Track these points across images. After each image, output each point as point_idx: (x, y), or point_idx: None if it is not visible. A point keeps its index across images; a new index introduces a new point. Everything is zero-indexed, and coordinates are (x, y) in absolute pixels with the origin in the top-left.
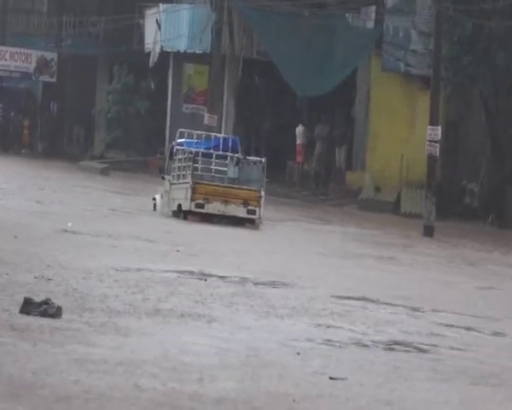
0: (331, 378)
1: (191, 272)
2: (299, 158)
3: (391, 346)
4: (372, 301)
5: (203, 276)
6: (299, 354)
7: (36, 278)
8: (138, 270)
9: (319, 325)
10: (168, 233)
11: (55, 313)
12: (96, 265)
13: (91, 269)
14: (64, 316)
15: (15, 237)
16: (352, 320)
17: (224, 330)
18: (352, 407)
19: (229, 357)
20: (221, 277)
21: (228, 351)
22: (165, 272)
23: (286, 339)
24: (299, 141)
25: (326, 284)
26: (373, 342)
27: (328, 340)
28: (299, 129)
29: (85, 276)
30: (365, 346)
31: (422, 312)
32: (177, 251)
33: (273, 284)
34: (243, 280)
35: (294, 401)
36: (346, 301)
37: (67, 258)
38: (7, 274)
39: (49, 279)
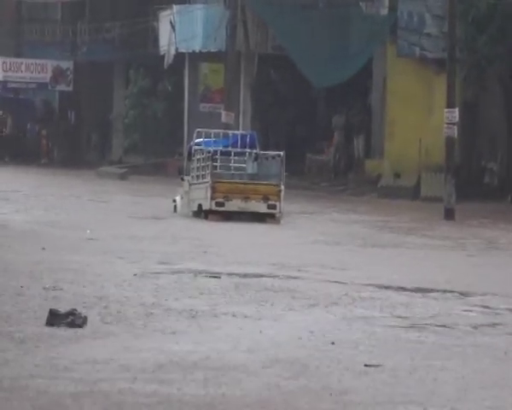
0: (366, 366)
1: (217, 273)
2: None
3: (427, 329)
4: (401, 289)
5: (228, 274)
6: (333, 343)
7: (44, 288)
8: (167, 272)
9: (348, 314)
10: (190, 234)
11: (82, 322)
12: (121, 270)
13: (117, 275)
14: (90, 325)
15: (43, 248)
16: (381, 307)
17: (253, 325)
18: (388, 397)
19: (262, 354)
20: (251, 274)
21: (260, 348)
22: (193, 272)
23: (317, 330)
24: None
25: (352, 273)
26: (406, 327)
27: (360, 328)
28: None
29: (114, 282)
30: (398, 332)
31: (458, 295)
32: (205, 252)
33: (297, 277)
34: (270, 274)
35: (331, 395)
36: (378, 290)
37: (93, 265)
38: (21, 286)
39: (60, 289)
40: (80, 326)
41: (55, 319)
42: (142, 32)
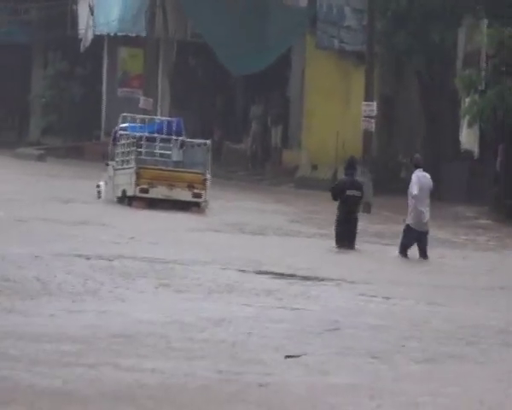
0: (287, 357)
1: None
2: None
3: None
4: (308, 278)
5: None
6: (250, 333)
7: None
8: (67, 256)
9: (255, 302)
10: (111, 220)
11: None
12: (25, 252)
13: (18, 257)
14: None
15: None
16: (285, 296)
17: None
18: (314, 387)
19: (172, 342)
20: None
21: (170, 336)
22: (95, 257)
23: (231, 318)
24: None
25: (256, 261)
26: (312, 316)
27: (268, 317)
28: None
29: (11, 263)
30: (306, 321)
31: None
32: (132, 238)
33: (205, 264)
34: (170, 260)
35: (261, 385)
36: (282, 280)
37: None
38: None
39: None
40: None
41: None
42: (61, 14)
